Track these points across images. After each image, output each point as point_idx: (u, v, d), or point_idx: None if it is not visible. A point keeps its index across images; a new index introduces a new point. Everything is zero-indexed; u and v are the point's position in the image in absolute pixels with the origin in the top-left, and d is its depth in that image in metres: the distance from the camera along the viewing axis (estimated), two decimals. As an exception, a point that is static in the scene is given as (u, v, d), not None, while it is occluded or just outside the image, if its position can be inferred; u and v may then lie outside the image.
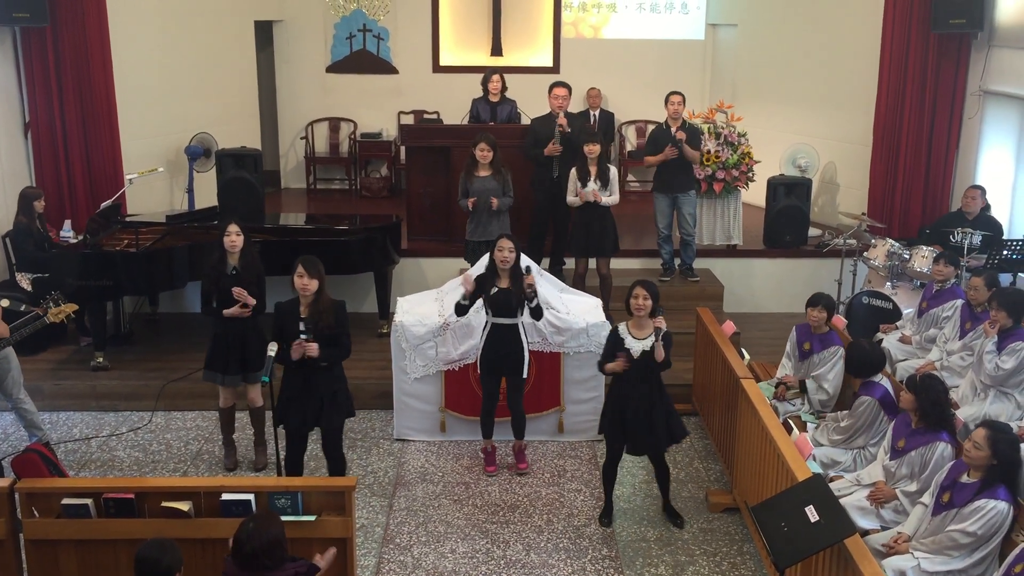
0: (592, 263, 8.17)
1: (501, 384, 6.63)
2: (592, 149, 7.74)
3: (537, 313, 6.44)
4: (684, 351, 7.80)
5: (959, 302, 6.99)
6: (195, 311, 9.07)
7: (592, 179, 7.75)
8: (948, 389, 5.40)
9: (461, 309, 6.48)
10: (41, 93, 8.87)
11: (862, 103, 9.88)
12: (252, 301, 6.29)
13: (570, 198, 7.90)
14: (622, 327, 5.89)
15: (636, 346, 5.79)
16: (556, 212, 8.40)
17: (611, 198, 7.81)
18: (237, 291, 6.22)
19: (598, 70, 11.81)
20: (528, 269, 6.40)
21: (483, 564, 5.65)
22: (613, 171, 7.91)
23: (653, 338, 5.74)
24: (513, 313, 6.41)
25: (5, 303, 6.45)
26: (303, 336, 5.59)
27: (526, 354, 6.50)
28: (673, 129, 8.44)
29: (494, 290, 6.38)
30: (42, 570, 4.84)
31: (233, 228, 6.37)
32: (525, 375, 6.53)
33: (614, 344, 5.87)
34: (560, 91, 8.29)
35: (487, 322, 6.49)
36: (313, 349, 5.58)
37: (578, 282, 8.10)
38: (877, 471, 5.28)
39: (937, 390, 5.19)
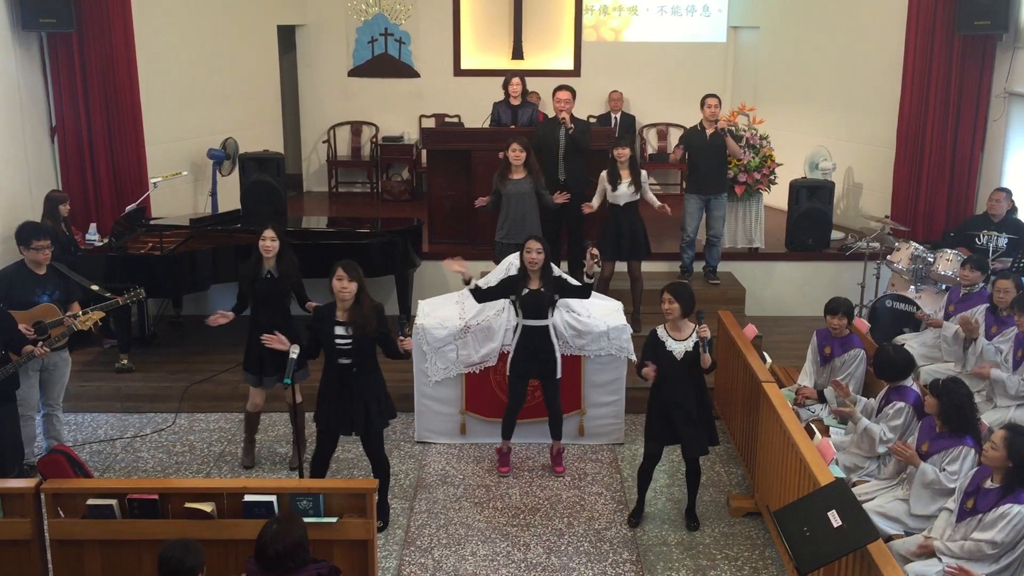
0: (621, 266, 8.15)
1: (527, 387, 6.64)
2: (622, 153, 7.75)
3: (586, 292, 6.53)
4: (705, 355, 7.79)
5: (985, 306, 6.94)
6: (218, 313, 9.17)
7: (626, 183, 7.76)
8: (972, 393, 5.35)
9: (477, 295, 6.54)
10: (67, 98, 8.97)
11: (886, 105, 9.82)
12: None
13: (595, 200, 7.90)
14: (661, 330, 5.91)
15: (678, 348, 5.80)
16: (569, 216, 8.37)
17: (650, 197, 7.92)
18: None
19: (619, 73, 11.81)
20: (589, 243, 6.48)
21: (503, 567, 5.66)
22: (644, 174, 7.92)
23: (694, 339, 5.78)
24: (544, 314, 6.44)
25: (95, 287, 6.60)
26: (341, 343, 5.61)
27: (558, 355, 6.53)
28: (708, 131, 8.44)
29: (525, 291, 6.40)
30: (67, 570, 4.88)
31: (269, 233, 6.38)
32: (559, 375, 6.56)
33: (654, 346, 5.88)
34: (563, 94, 8.27)
35: (518, 324, 6.51)
36: (409, 343, 5.66)
37: (603, 286, 8.08)
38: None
39: (960, 394, 5.13)
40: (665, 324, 5.91)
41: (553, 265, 6.75)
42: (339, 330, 5.64)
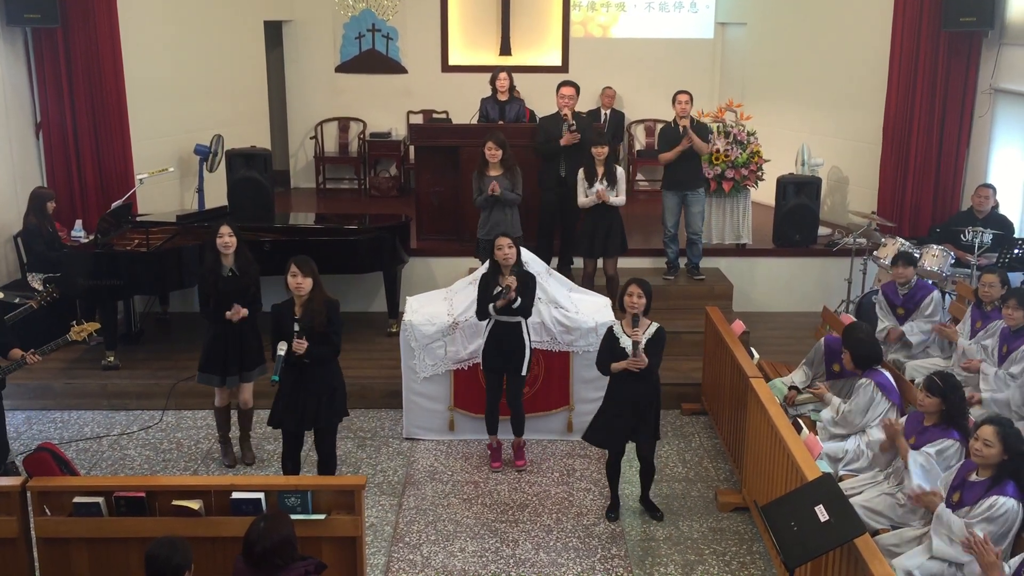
0: (600, 263, 8.18)
1: (502, 381, 6.66)
2: (600, 151, 7.76)
3: (523, 311, 6.46)
4: (693, 350, 7.81)
5: (935, 293, 7.01)
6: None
7: (599, 180, 7.77)
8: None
9: (483, 314, 6.50)
10: (52, 94, 8.91)
11: (872, 101, 9.85)
12: (244, 313, 6.36)
13: (581, 199, 7.90)
14: (617, 326, 5.95)
15: (631, 344, 5.82)
16: (564, 211, 8.40)
17: (618, 199, 7.84)
18: (235, 311, 6.32)
19: (607, 69, 11.80)
20: (520, 269, 6.47)
21: (492, 563, 5.66)
22: (620, 172, 7.94)
23: (647, 336, 5.81)
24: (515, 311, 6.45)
25: (1, 295, 6.51)
26: (295, 334, 5.63)
27: (527, 352, 6.53)
28: (681, 128, 8.45)
29: (497, 289, 6.41)
30: (54, 568, 4.86)
31: (225, 230, 6.38)
32: (525, 373, 6.57)
33: (610, 343, 5.92)
34: (567, 90, 8.28)
35: (491, 319, 6.52)
36: (302, 347, 5.61)
37: (586, 282, 8.11)
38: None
39: (961, 391, 5.21)
40: (621, 321, 5.95)
41: (542, 264, 6.75)
42: (296, 326, 5.66)
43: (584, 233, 8.01)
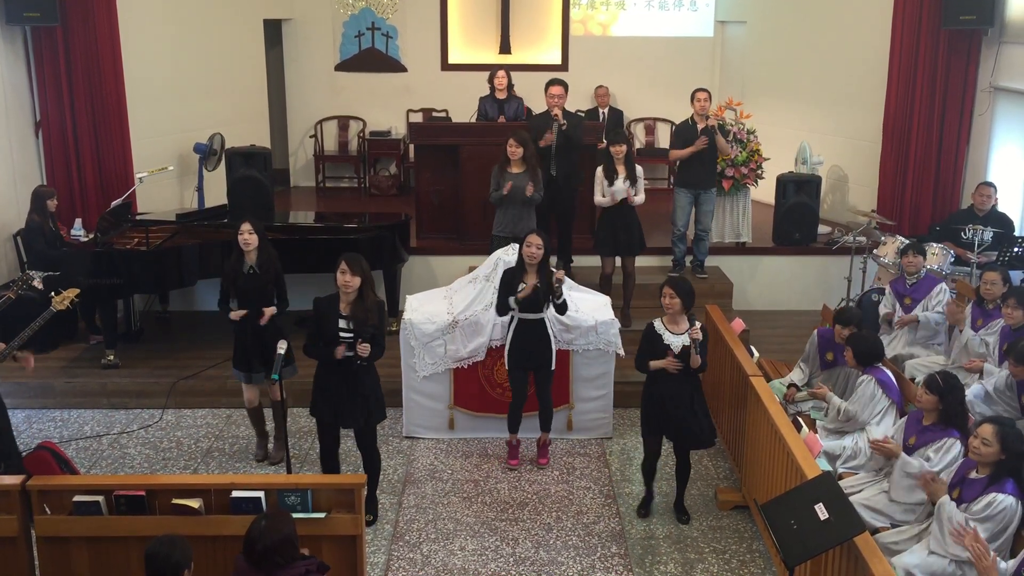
0: (617, 261, 8.15)
1: (529, 379, 6.67)
2: (619, 149, 7.74)
3: (562, 309, 6.52)
4: (693, 349, 7.81)
5: (943, 284, 7.07)
6: (205, 309, 9.13)
7: (622, 179, 7.75)
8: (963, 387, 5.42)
9: (504, 308, 6.51)
10: (52, 92, 8.91)
11: (872, 100, 9.85)
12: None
13: (598, 198, 7.87)
14: (658, 323, 5.93)
15: (676, 341, 5.82)
16: (558, 210, 8.37)
17: (638, 197, 7.84)
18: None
19: (607, 68, 11.80)
20: (558, 265, 6.41)
21: (492, 561, 5.66)
22: (640, 170, 7.91)
23: (687, 338, 5.79)
24: (539, 308, 6.47)
25: None
26: (344, 336, 5.61)
27: (553, 347, 6.57)
28: (700, 126, 8.44)
29: (521, 286, 6.41)
30: (54, 567, 4.86)
31: (246, 227, 6.38)
32: (553, 367, 6.59)
33: (651, 340, 5.89)
34: (556, 89, 8.25)
35: (513, 318, 6.52)
36: (366, 350, 5.61)
37: (605, 282, 8.06)
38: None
39: (960, 390, 5.21)
40: (663, 318, 5.94)
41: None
42: (342, 323, 5.64)
43: (603, 233, 7.93)
